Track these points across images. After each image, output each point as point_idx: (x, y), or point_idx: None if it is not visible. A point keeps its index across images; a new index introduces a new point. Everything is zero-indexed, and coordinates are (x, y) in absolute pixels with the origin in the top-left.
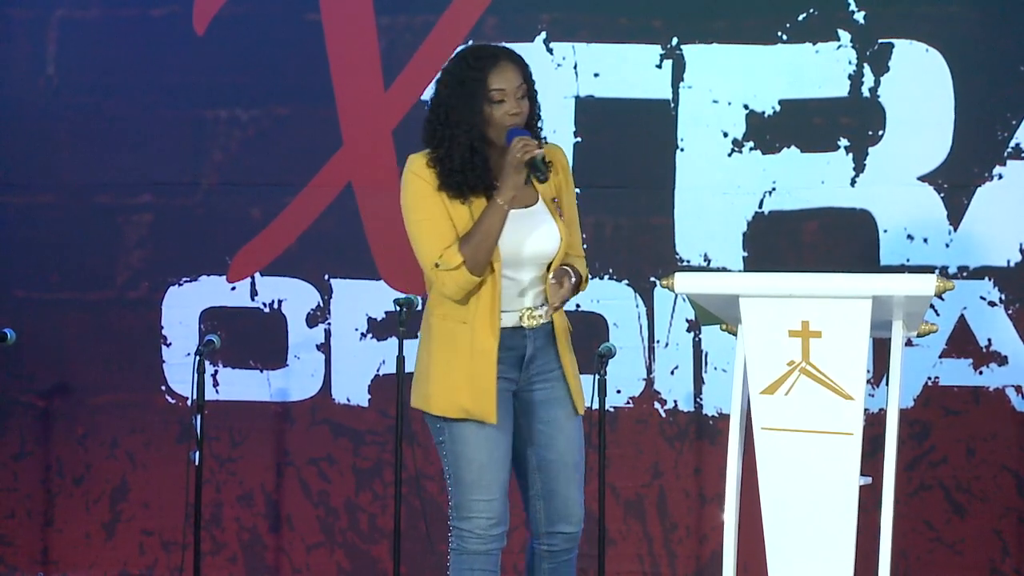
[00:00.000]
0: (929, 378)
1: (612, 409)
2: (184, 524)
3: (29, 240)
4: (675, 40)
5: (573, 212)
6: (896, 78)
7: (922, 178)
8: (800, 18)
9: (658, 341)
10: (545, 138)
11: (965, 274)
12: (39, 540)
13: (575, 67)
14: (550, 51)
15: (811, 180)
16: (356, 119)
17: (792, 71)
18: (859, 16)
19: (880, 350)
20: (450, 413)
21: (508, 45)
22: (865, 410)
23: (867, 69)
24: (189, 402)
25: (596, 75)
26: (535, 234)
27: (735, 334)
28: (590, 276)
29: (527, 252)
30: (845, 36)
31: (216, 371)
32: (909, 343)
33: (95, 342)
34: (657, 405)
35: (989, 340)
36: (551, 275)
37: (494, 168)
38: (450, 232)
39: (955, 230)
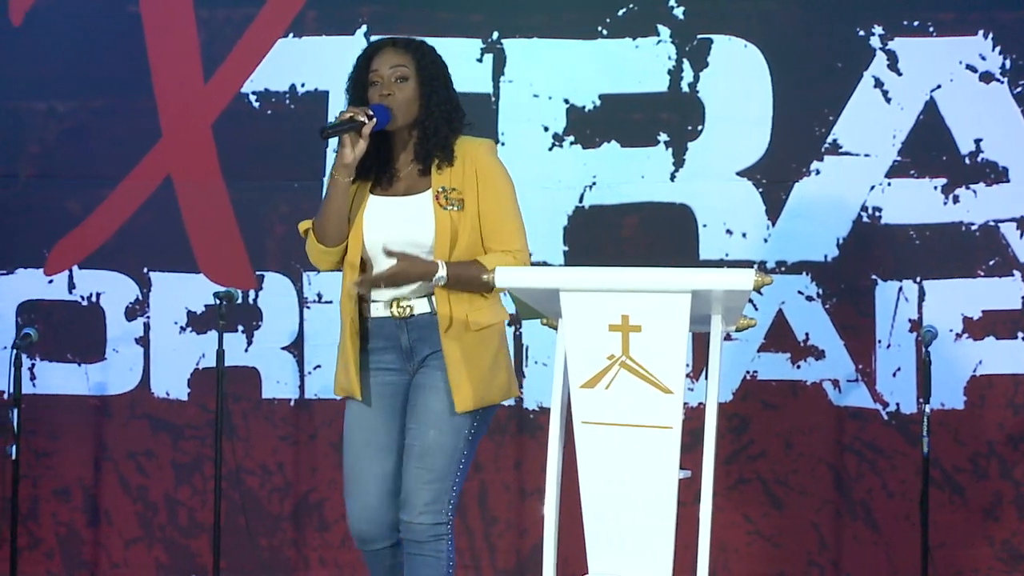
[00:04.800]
0: (748, 372)
1: None
2: (0, 519)
3: None
4: (496, 34)
5: (495, 204)
6: (715, 73)
7: (741, 173)
8: (620, 13)
9: None
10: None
11: (783, 269)
12: None
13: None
14: None
15: (631, 175)
16: (175, 112)
17: (612, 66)
18: (678, 11)
19: (699, 344)
20: (335, 392)
21: (329, 38)
22: (684, 404)
23: (686, 64)
24: (6, 396)
25: None
26: (404, 222)
27: (555, 328)
28: None
29: (392, 239)
30: (664, 31)
31: (33, 365)
32: (728, 337)
33: None
34: None
35: (807, 334)
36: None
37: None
38: None
39: (773, 225)
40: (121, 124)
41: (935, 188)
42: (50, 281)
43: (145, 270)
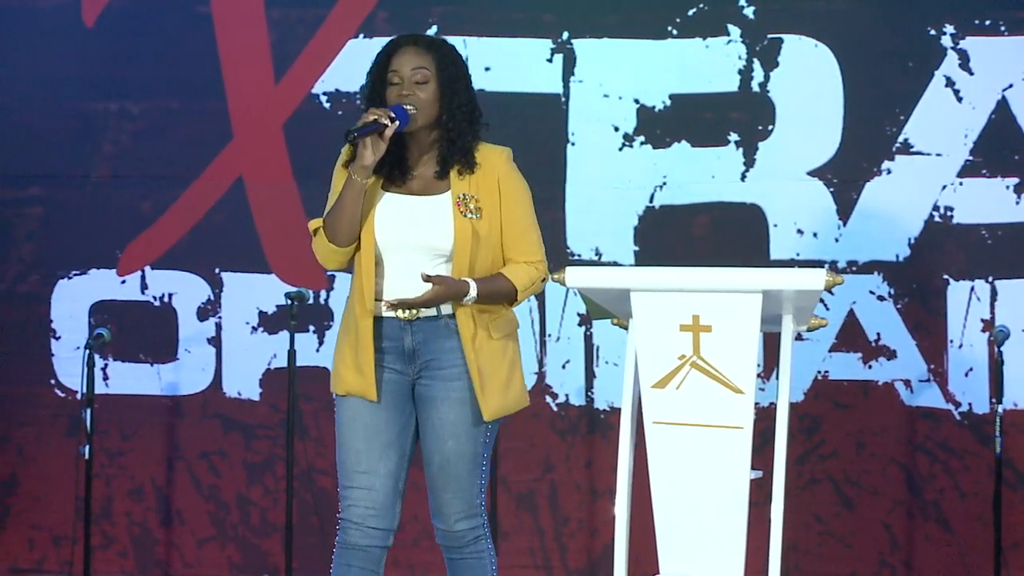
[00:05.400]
0: (819, 372)
1: None
2: (74, 518)
3: None
4: (566, 34)
5: (518, 216)
6: (785, 73)
7: (811, 173)
8: (690, 13)
9: (549, 335)
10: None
11: (854, 268)
12: None
13: (466, 61)
14: None
15: (701, 175)
16: (247, 112)
17: (682, 66)
18: (748, 11)
19: (770, 344)
20: (337, 390)
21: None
22: (755, 404)
23: (757, 64)
24: (79, 396)
25: (487, 69)
26: (421, 222)
27: (626, 328)
28: None
29: (408, 239)
30: (735, 31)
31: (106, 365)
32: (799, 337)
33: None
34: (548, 399)
35: (878, 334)
36: (424, 274)
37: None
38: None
39: (844, 225)
40: (193, 125)
41: (1007, 187)
42: (123, 281)
43: (217, 270)
